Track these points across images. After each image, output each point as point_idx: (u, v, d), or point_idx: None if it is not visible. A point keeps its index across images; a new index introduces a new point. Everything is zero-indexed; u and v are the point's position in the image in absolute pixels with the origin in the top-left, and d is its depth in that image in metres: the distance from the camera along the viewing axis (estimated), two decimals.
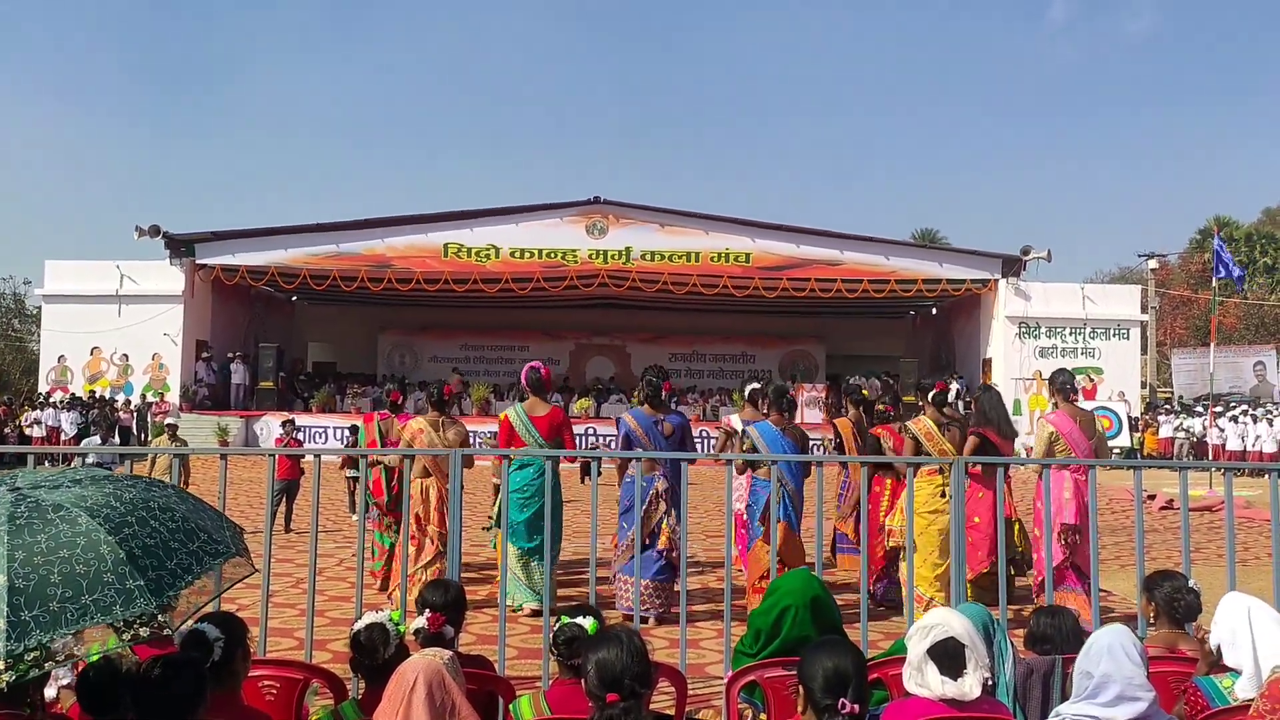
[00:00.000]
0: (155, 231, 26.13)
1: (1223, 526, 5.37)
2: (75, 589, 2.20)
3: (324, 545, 9.90)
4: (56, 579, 2.20)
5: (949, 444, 6.94)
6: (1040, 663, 3.56)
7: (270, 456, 5.72)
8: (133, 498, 2.50)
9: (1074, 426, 6.99)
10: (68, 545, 2.26)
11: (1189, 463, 19.39)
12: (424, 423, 7.65)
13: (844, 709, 2.41)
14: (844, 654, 2.54)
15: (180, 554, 2.42)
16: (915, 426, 7.13)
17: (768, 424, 7.45)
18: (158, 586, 2.29)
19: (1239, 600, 3.41)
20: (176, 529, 2.48)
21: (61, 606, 2.18)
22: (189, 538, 2.49)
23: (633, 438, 7.28)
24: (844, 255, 27.47)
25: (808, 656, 2.59)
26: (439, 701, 2.70)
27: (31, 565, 2.21)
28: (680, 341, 33.52)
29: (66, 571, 2.22)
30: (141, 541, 2.36)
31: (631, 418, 7.41)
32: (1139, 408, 28.17)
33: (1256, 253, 48.33)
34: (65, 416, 24.47)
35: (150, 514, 2.46)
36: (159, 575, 2.32)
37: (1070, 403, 7.25)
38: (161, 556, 2.37)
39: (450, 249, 27.19)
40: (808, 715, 2.53)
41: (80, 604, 2.19)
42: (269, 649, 5.22)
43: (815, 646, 2.65)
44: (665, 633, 6.67)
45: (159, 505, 2.52)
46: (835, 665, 2.49)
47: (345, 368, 32.78)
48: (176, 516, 2.53)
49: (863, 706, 2.46)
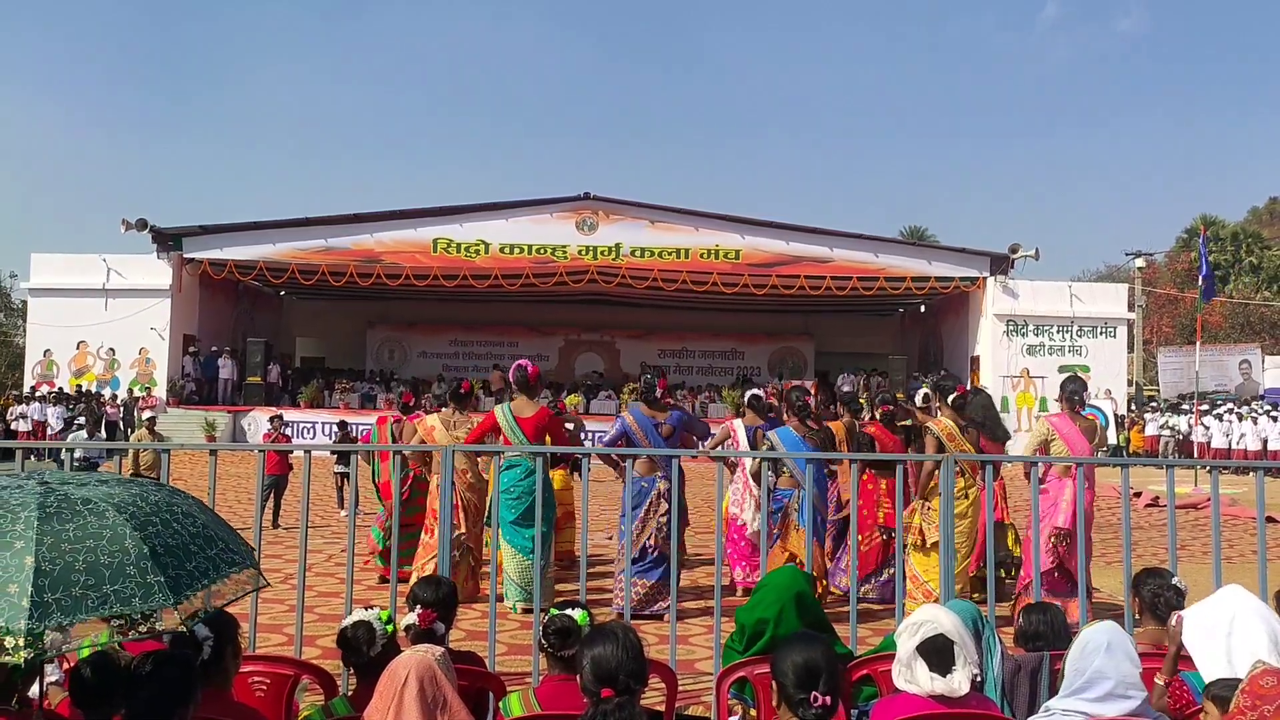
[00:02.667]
0: (142, 225, 25.97)
1: (1208, 524, 5.41)
2: (98, 578, 2.27)
3: (313, 541, 9.87)
4: (81, 566, 2.27)
5: (970, 445, 6.93)
6: (1029, 659, 3.58)
7: (260, 452, 5.69)
8: (158, 500, 2.59)
9: (1074, 429, 7.00)
10: (94, 536, 2.34)
11: (1175, 460, 19.53)
12: (437, 420, 7.60)
13: (816, 702, 2.43)
14: (815, 648, 2.55)
15: (199, 558, 2.50)
16: (937, 427, 7.12)
17: (789, 429, 7.44)
18: (176, 585, 2.36)
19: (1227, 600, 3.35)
20: (197, 534, 2.56)
21: (84, 593, 2.24)
22: (208, 544, 2.57)
23: (631, 437, 7.27)
24: (833, 252, 27.53)
25: (780, 652, 2.60)
26: (430, 697, 2.70)
27: (59, 551, 2.28)
28: (669, 338, 33.53)
29: (91, 560, 2.29)
30: (164, 540, 2.43)
31: (631, 416, 7.40)
32: (1125, 406, 28.31)
33: (1243, 252, 48.58)
34: (51, 411, 24.34)
35: (174, 517, 2.55)
36: (178, 575, 2.39)
37: (1075, 412, 7.23)
38: (182, 557, 2.44)
39: (439, 244, 27.12)
40: (783, 710, 2.55)
41: (102, 592, 2.25)
42: (259, 645, 5.22)
43: (787, 641, 2.68)
44: (655, 629, 6.68)
45: (182, 510, 2.61)
46: (806, 660, 2.51)
47: (334, 363, 32.67)
48: (198, 523, 2.61)
49: (835, 698, 2.47)
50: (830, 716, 2.48)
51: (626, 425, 7.35)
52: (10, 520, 2.34)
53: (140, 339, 26.23)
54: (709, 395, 28.55)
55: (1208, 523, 5.66)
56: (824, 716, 2.46)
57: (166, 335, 26.29)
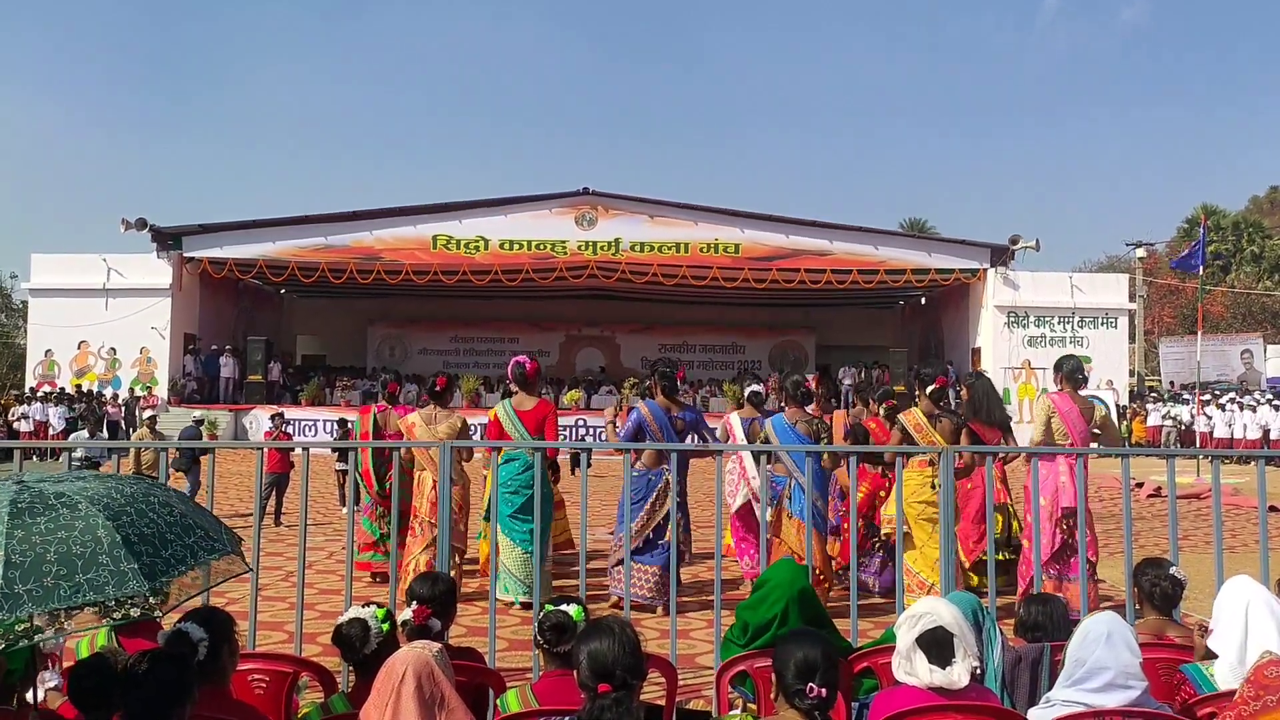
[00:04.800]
0: (141, 224, 25.97)
1: (1210, 514, 5.40)
2: (70, 567, 2.31)
3: (313, 539, 9.88)
4: (53, 557, 2.31)
5: (939, 435, 6.91)
6: (1029, 650, 3.57)
7: (259, 450, 5.68)
8: (133, 492, 2.62)
9: (1073, 408, 6.99)
10: (66, 528, 2.38)
11: (1177, 450, 19.49)
12: (418, 417, 7.69)
13: (811, 693, 2.56)
14: (813, 644, 2.67)
15: (175, 545, 2.52)
16: (905, 419, 7.11)
17: (780, 417, 7.46)
18: (151, 571, 2.39)
19: (1242, 589, 3.38)
20: (174, 523, 2.59)
21: (56, 583, 2.28)
22: (185, 532, 2.59)
23: (646, 429, 7.27)
24: (833, 245, 27.50)
25: (780, 647, 2.73)
26: (428, 694, 2.69)
27: (29, 544, 2.32)
28: (669, 332, 33.51)
29: (63, 551, 2.33)
30: (139, 529, 2.46)
31: (646, 408, 7.40)
32: (1127, 396, 28.29)
33: (1244, 241, 48.50)
34: (53, 411, 24.34)
35: (149, 507, 2.58)
36: (153, 561, 2.42)
37: (1075, 389, 7.22)
38: (157, 545, 2.47)
39: (439, 241, 27.10)
40: (780, 701, 2.67)
41: (74, 581, 2.29)
42: (258, 643, 5.21)
43: (786, 637, 2.80)
44: (656, 623, 6.68)
45: (159, 500, 2.64)
46: (804, 654, 2.63)
47: (335, 361, 32.69)
48: (175, 512, 2.64)
49: (831, 691, 2.60)
50: (827, 708, 2.60)
51: (641, 417, 7.33)
52: None
53: (141, 338, 26.24)
54: (710, 390, 28.53)
55: (1210, 513, 5.65)
56: (819, 707, 2.58)
57: (167, 334, 26.30)
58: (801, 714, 2.59)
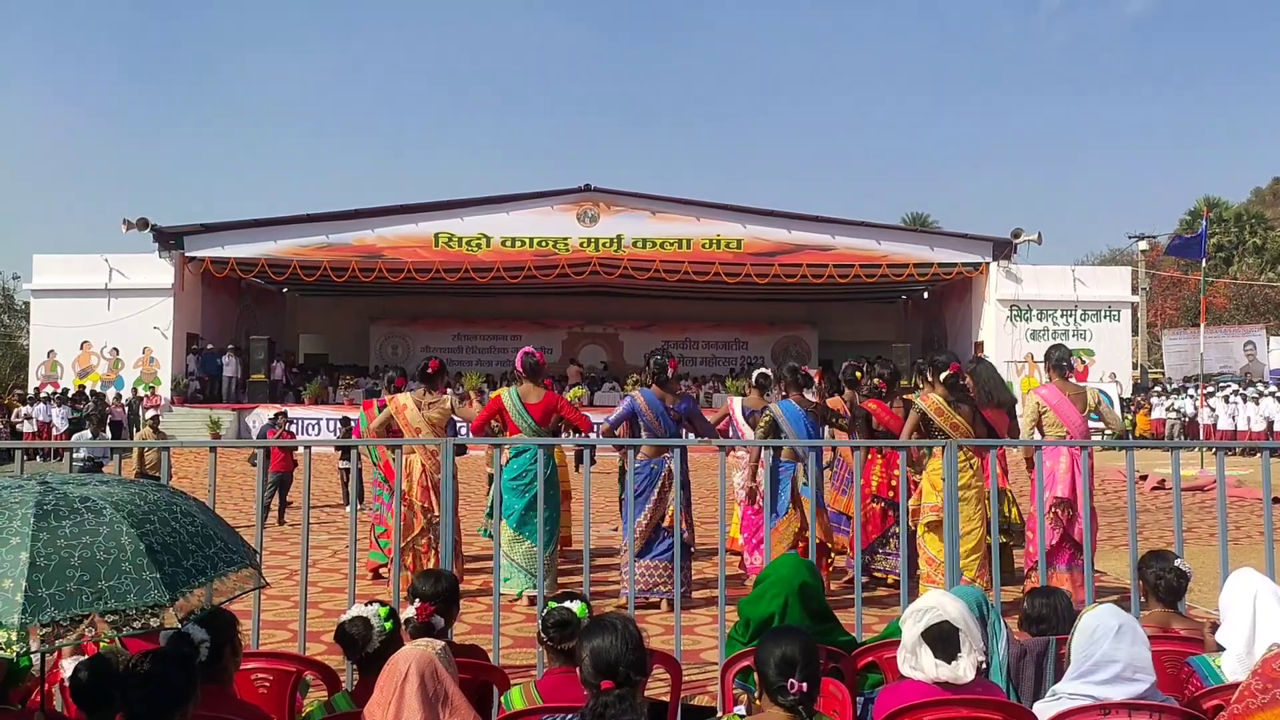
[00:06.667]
0: (143, 224, 25.97)
1: (1214, 506, 5.38)
2: (93, 573, 2.30)
3: (317, 537, 9.88)
4: (77, 562, 2.30)
5: (960, 418, 6.76)
6: (1034, 644, 3.56)
7: (263, 450, 5.68)
8: (157, 499, 2.61)
9: (1063, 399, 6.95)
10: (90, 533, 2.37)
11: (1181, 443, 19.48)
12: (409, 399, 7.78)
13: (792, 689, 2.60)
14: (792, 640, 2.70)
15: (196, 556, 2.52)
16: (924, 401, 6.95)
17: (789, 402, 7.44)
18: (172, 582, 2.38)
19: (1248, 580, 3.37)
20: (195, 533, 2.59)
21: (78, 588, 2.27)
22: (206, 543, 2.59)
23: (641, 418, 7.21)
24: (835, 240, 27.46)
25: (762, 644, 2.75)
26: (431, 692, 2.68)
27: (54, 548, 2.31)
28: (672, 328, 33.50)
29: (87, 556, 2.32)
30: (162, 538, 2.46)
31: (641, 397, 7.31)
32: (1130, 389, 28.24)
33: (1246, 233, 48.37)
34: (56, 411, 24.36)
35: (172, 515, 2.57)
36: (174, 572, 2.41)
37: (1064, 378, 7.19)
38: (179, 555, 2.46)
39: (441, 238, 27.09)
40: (764, 697, 2.71)
41: (97, 588, 2.28)
42: (263, 642, 5.20)
43: (768, 635, 2.82)
44: (660, 619, 6.66)
45: (181, 510, 2.64)
46: (783, 651, 2.66)
47: (337, 359, 32.72)
48: (197, 522, 2.63)
49: (814, 685, 2.65)
50: (809, 703, 2.63)
51: (635, 405, 7.23)
52: (8, 518, 2.36)
53: (144, 338, 26.25)
54: (713, 385, 28.52)
55: (1214, 505, 5.63)
56: (801, 703, 2.61)
57: (170, 334, 26.31)
58: (785, 709, 2.61)
